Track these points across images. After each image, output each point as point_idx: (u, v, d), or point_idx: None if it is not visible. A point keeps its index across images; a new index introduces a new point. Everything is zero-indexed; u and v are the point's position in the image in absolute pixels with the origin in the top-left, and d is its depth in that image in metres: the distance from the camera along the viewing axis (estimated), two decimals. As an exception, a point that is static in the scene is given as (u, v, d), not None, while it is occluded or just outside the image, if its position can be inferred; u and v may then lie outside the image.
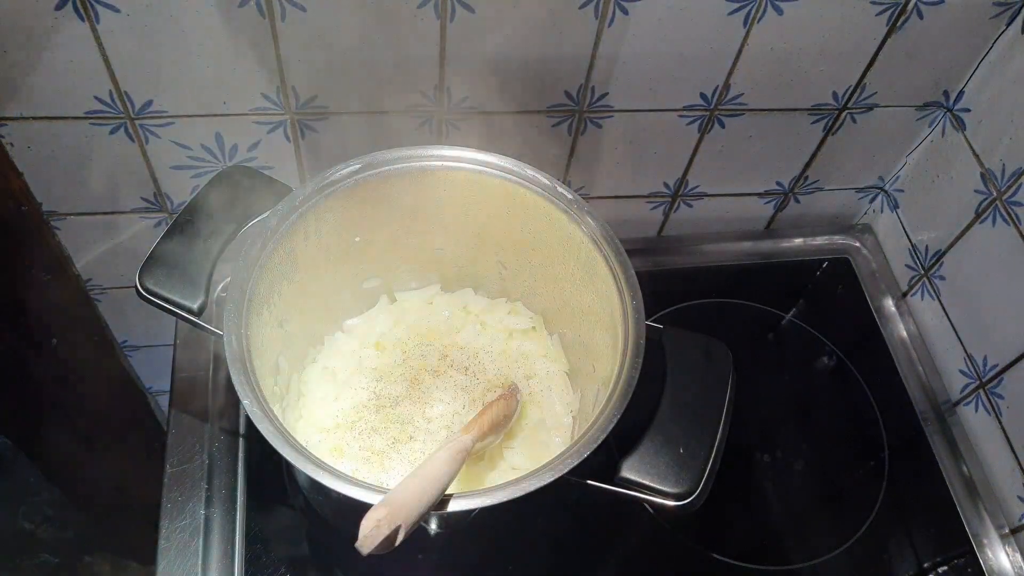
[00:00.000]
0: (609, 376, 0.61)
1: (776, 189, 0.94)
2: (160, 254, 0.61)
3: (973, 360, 0.85)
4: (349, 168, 0.67)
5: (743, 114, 0.82)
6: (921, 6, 0.73)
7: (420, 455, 0.68)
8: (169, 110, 0.71)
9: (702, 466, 0.57)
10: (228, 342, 0.57)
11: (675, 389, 0.61)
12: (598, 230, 0.67)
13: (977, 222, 0.83)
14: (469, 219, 0.74)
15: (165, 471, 0.73)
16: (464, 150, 0.69)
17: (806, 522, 0.81)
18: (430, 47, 0.69)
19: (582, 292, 0.71)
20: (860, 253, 1.00)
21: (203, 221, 0.64)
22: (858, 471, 0.84)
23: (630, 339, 0.61)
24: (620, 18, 0.69)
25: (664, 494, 0.56)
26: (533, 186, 0.69)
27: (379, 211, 0.71)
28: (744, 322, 0.94)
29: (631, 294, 0.63)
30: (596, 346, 0.70)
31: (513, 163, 0.69)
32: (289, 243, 0.65)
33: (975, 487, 0.82)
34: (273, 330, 0.66)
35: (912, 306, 0.95)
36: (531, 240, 0.73)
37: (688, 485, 0.56)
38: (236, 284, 0.60)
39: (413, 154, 0.69)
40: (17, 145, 0.71)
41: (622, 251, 0.66)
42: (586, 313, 0.71)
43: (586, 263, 0.68)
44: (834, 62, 0.78)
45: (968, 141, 0.83)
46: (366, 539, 0.47)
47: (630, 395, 0.57)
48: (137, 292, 0.59)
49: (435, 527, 0.61)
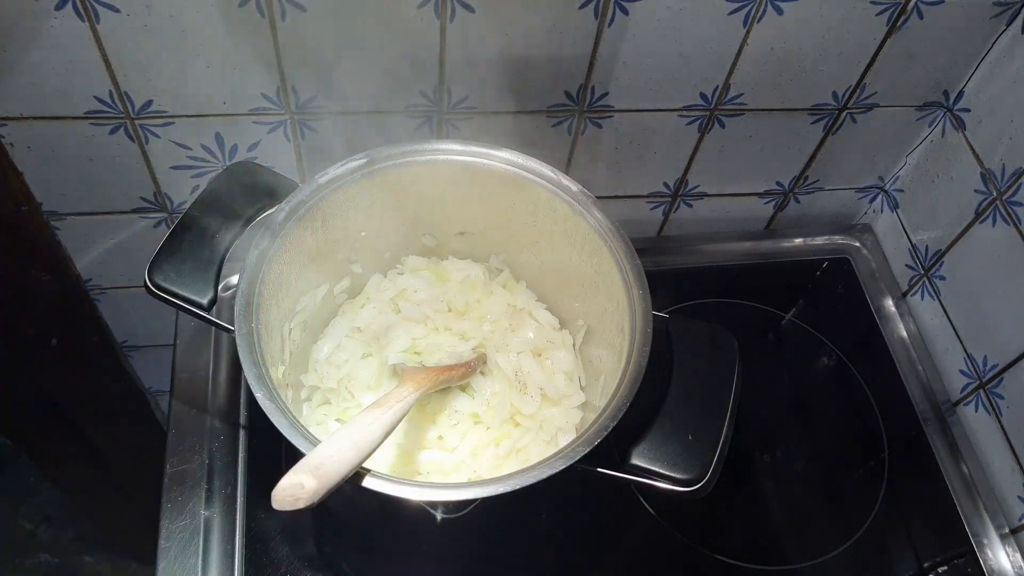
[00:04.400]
0: (616, 366, 0.61)
1: (776, 189, 0.94)
2: (168, 250, 0.61)
3: (973, 360, 0.85)
4: (355, 163, 0.67)
5: (743, 114, 0.82)
6: (921, 6, 0.73)
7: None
8: (169, 110, 0.71)
9: (711, 452, 0.57)
10: (239, 334, 0.57)
11: (682, 377, 0.61)
12: (605, 222, 0.67)
13: (977, 222, 0.83)
14: (474, 212, 0.74)
15: (165, 471, 0.73)
16: (469, 144, 0.69)
17: (806, 522, 0.81)
18: (430, 47, 0.69)
19: (588, 283, 0.71)
20: (860, 253, 1.00)
21: (210, 217, 0.63)
22: (858, 471, 0.84)
23: (637, 329, 0.61)
24: (620, 18, 0.69)
25: (674, 480, 0.56)
26: (538, 179, 0.69)
27: (385, 205, 0.71)
28: (744, 322, 0.94)
29: (638, 284, 0.64)
30: (603, 335, 0.70)
31: (519, 156, 0.69)
32: (297, 237, 0.65)
33: (975, 487, 0.82)
34: (283, 323, 0.66)
35: (912, 306, 0.95)
36: (537, 232, 0.73)
37: (698, 471, 0.56)
38: (245, 278, 0.60)
39: (419, 148, 0.69)
40: (17, 145, 0.71)
41: (628, 243, 0.66)
42: (592, 302, 0.71)
43: (592, 254, 0.69)
44: (834, 62, 0.78)
45: (968, 141, 0.83)
46: (282, 500, 0.47)
47: (639, 384, 0.58)
48: (146, 288, 0.59)
49: (441, 513, 0.61)
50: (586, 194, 0.68)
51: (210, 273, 0.60)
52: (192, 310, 0.59)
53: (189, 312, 0.59)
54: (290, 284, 0.67)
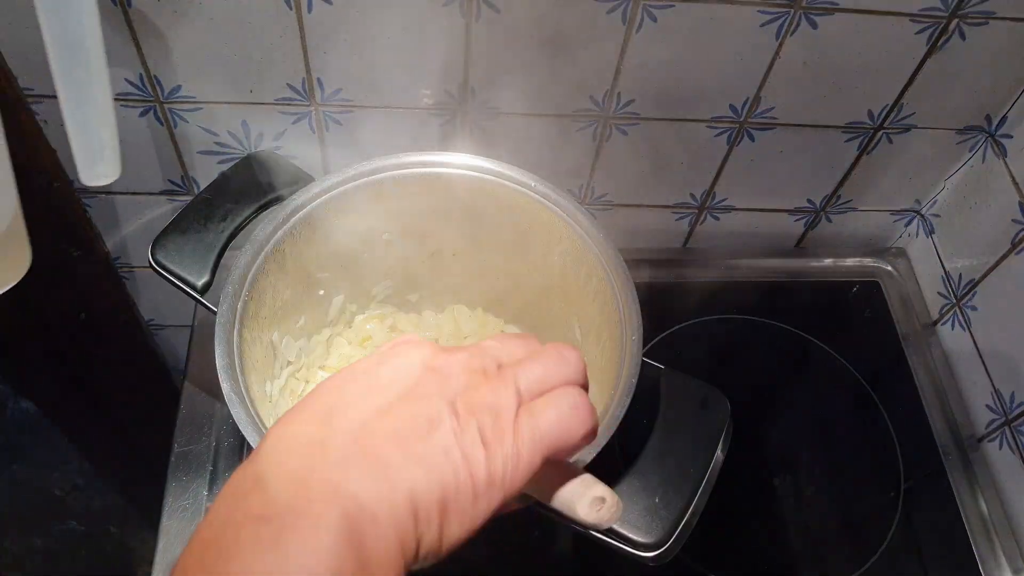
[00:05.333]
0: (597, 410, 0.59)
1: (807, 207, 0.92)
2: (174, 229, 0.63)
3: (1000, 395, 0.82)
4: (361, 168, 0.66)
5: (774, 128, 0.80)
6: (964, 27, 0.71)
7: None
8: (197, 96, 0.72)
9: (676, 519, 0.54)
10: (220, 323, 0.58)
11: (662, 435, 0.58)
12: (607, 254, 0.64)
13: (1013, 253, 0.80)
14: (475, 234, 0.72)
15: (172, 450, 0.75)
16: (484, 160, 0.68)
17: (815, 550, 0.79)
18: (455, 45, 0.69)
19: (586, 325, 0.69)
20: (891, 277, 0.97)
21: (220, 202, 0.65)
22: (873, 501, 0.82)
23: (622, 376, 0.58)
24: (648, 25, 0.68)
25: (632, 542, 0.53)
26: (548, 203, 0.67)
27: (389, 215, 0.70)
28: (766, 341, 0.92)
29: (633, 329, 0.60)
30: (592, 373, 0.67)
31: (544, 184, 0.67)
32: (291, 240, 0.65)
33: (993, 526, 0.80)
34: (266, 327, 0.66)
35: (941, 336, 0.92)
36: (541, 265, 0.71)
37: (657, 537, 0.53)
38: (238, 268, 0.61)
39: (425, 160, 0.68)
40: (51, 122, 0.73)
41: (630, 280, 0.62)
42: (586, 336, 0.69)
43: (596, 292, 0.66)
44: (870, 80, 0.76)
45: (1008, 168, 0.80)
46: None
47: (610, 435, 0.54)
48: (149, 262, 0.61)
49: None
50: (596, 227, 0.65)
51: (210, 257, 0.60)
52: (186, 290, 0.60)
53: (184, 291, 0.60)
54: (277, 286, 0.65)
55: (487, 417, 0.37)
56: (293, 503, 0.33)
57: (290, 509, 0.32)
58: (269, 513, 0.32)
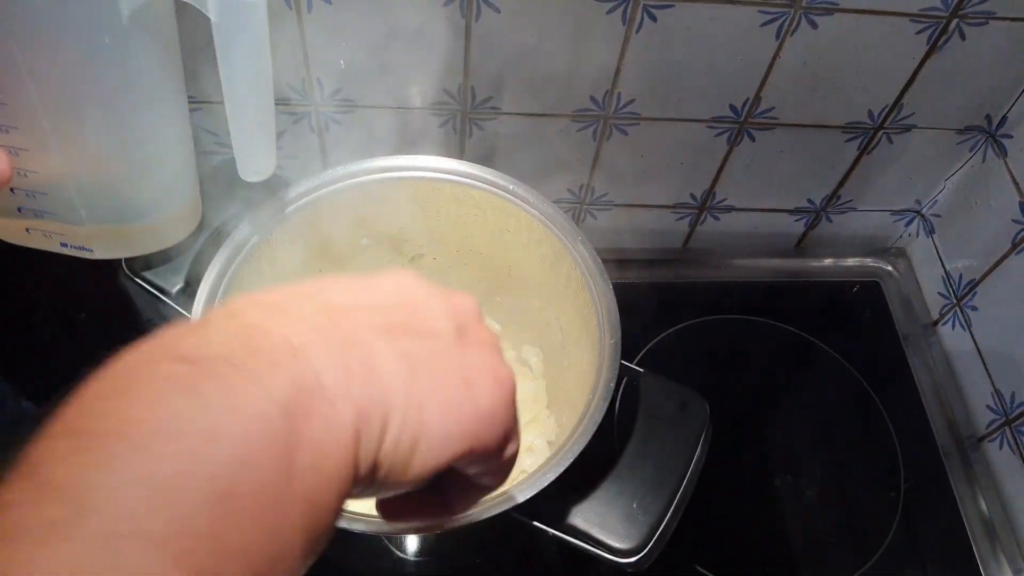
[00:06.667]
0: (572, 417, 0.57)
1: (807, 207, 0.92)
2: None
3: (1001, 396, 0.82)
4: (336, 173, 0.65)
5: (774, 128, 0.80)
6: (964, 27, 0.71)
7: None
8: (196, 96, 0.72)
9: (653, 524, 0.53)
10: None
11: (642, 439, 0.57)
12: (589, 259, 0.63)
13: (1013, 253, 0.80)
14: (454, 238, 0.72)
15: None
16: (460, 163, 0.66)
17: (815, 550, 0.79)
18: (455, 46, 0.69)
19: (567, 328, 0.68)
20: (892, 277, 0.97)
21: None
22: (873, 501, 0.82)
23: (600, 380, 0.56)
24: (648, 24, 0.68)
25: (609, 548, 0.52)
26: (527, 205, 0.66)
27: (366, 220, 0.69)
28: (766, 341, 0.92)
29: (611, 332, 0.58)
30: (569, 379, 0.66)
31: (522, 187, 0.66)
32: (269, 244, 0.64)
33: (993, 526, 0.79)
34: None
35: (942, 336, 0.92)
36: (521, 269, 0.70)
37: (635, 543, 0.52)
38: (213, 273, 0.59)
39: (402, 164, 0.66)
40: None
41: (610, 284, 0.61)
42: (564, 341, 0.69)
43: (576, 295, 0.64)
44: (870, 80, 0.76)
45: (1009, 168, 0.80)
46: None
47: (588, 438, 0.53)
48: (121, 268, 0.61)
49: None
50: (575, 232, 0.64)
51: (184, 262, 0.60)
52: (158, 295, 0.60)
53: (156, 297, 0.60)
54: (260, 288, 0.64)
55: (491, 352, 0.33)
56: (232, 352, 0.25)
57: (225, 358, 0.25)
58: (198, 355, 0.25)
